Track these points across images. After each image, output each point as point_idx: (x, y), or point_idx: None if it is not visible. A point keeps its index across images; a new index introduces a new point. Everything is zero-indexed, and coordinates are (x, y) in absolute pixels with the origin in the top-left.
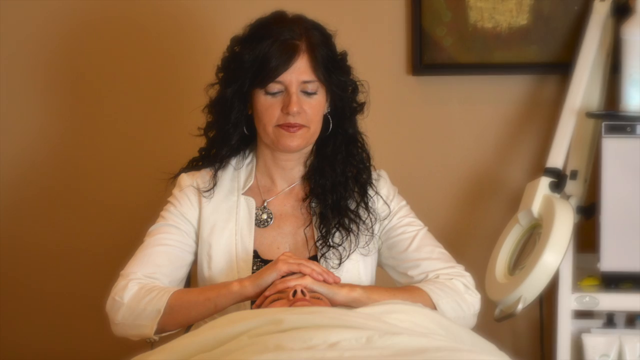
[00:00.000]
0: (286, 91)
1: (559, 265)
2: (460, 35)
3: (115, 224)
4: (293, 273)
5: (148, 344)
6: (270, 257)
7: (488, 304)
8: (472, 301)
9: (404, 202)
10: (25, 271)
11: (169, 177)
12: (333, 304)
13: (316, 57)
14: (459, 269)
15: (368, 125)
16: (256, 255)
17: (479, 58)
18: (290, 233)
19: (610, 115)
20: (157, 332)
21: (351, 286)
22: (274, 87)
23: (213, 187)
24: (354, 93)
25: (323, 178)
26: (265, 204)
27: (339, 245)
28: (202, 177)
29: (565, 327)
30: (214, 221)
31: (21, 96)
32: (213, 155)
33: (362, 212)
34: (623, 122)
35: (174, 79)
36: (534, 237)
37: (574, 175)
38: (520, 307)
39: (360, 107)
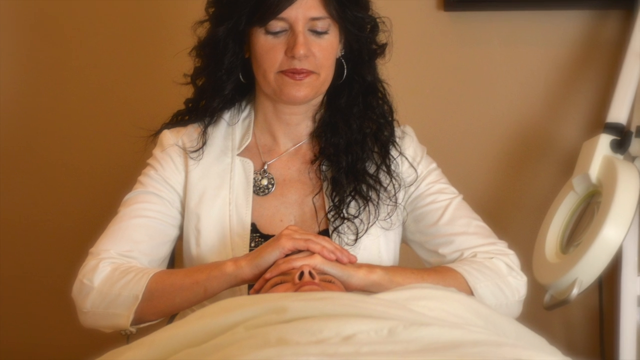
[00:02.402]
0: (291, 30)
1: (622, 242)
2: None
3: (83, 191)
4: (299, 251)
5: (123, 337)
6: (272, 231)
7: (536, 289)
8: (517, 285)
9: (434, 165)
10: None
11: (148, 135)
12: (348, 288)
13: None
14: (501, 246)
15: (390, 71)
16: (254, 229)
17: None
18: (296, 202)
19: None
20: (135, 322)
21: (370, 267)
22: (276, 25)
23: (202, 147)
24: (373, 32)
25: (336, 136)
26: (266, 167)
27: (355, 217)
28: (188, 134)
29: (629, 317)
30: (204, 188)
31: None
32: (202, 108)
33: (383, 177)
34: None
35: (155, 15)
36: (591, 208)
37: None
38: (575, 292)
39: (380, 50)
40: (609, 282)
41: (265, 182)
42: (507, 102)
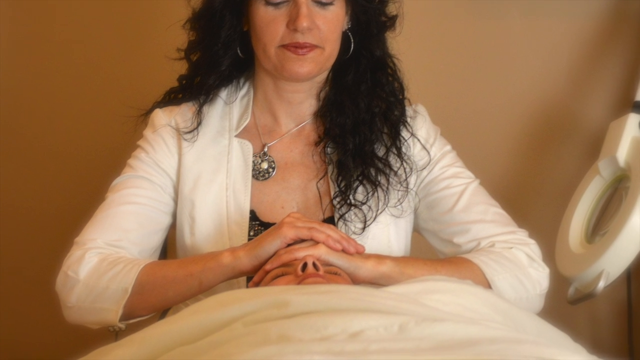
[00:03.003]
0: (293, 1)
1: None
2: None
3: (67, 176)
4: (302, 240)
5: (111, 334)
6: (272, 219)
7: (559, 281)
8: (538, 277)
9: (448, 147)
10: None
11: (138, 114)
12: (355, 280)
13: None
14: (521, 235)
15: (401, 45)
16: (254, 216)
17: None
18: (299, 187)
19: None
20: (124, 317)
21: (379, 257)
22: None
23: (197, 127)
24: (382, 3)
25: (342, 115)
26: (266, 150)
27: (363, 203)
28: (182, 113)
29: None
30: (198, 172)
31: None
32: (197, 85)
33: (394, 160)
34: None
35: None
36: (619, 193)
37: None
38: (601, 285)
39: (390, 22)
40: (638, 274)
41: (265, 165)
42: (528, 80)
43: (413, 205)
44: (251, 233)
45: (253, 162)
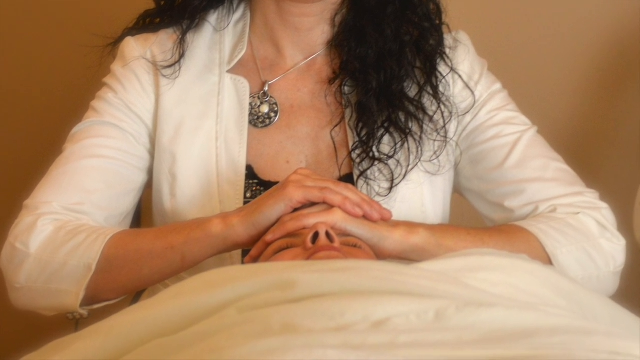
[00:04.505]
0: None
1: None
2: None
3: (15, 123)
4: (313, 204)
5: (71, 322)
6: (274, 176)
7: (638, 256)
8: (612, 250)
9: (497, 85)
10: None
11: (105, 44)
12: (380, 255)
13: None
14: (590, 197)
15: None
16: (251, 174)
17: None
18: (308, 137)
19: None
20: (86, 302)
21: (410, 226)
22: None
23: (179, 61)
24: None
25: (363, 45)
26: (267, 89)
27: (390, 157)
28: (160, 43)
29: None
30: (181, 117)
31: None
32: (179, 7)
33: (428, 102)
34: None
35: None
36: None
37: None
38: None
39: None
40: None
41: (265, 108)
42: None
43: (453, 159)
44: (248, 195)
45: (250, 104)
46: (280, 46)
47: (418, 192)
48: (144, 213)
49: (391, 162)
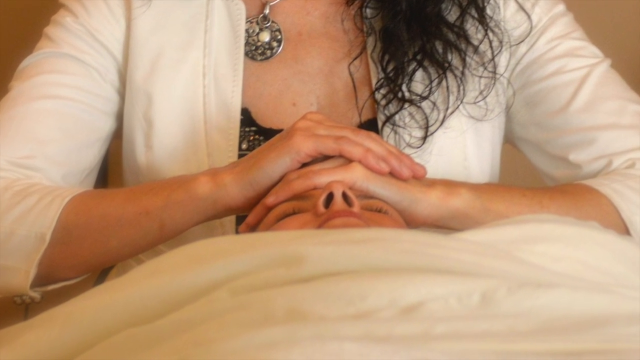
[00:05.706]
0: None
1: None
2: None
3: None
4: (327, 157)
5: (20, 308)
6: (278, 122)
7: None
8: None
9: (560, 8)
10: None
11: None
12: (411, 222)
13: None
14: None
15: None
16: (248, 119)
17: None
18: (321, 72)
19: None
20: (39, 281)
21: (449, 185)
22: None
23: None
24: None
25: None
26: (267, 11)
27: (424, 98)
28: None
29: None
30: (159, 47)
31: None
32: None
33: (473, 29)
34: None
35: None
36: None
37: None
38: None
39: None
40: None
41: (265, 36)
42: None
43: (504, 100)
44: (243, 146)
45: (246, 31)
46: None
47: (459, 142)
48: (111, 169)
49: (425, 104)
